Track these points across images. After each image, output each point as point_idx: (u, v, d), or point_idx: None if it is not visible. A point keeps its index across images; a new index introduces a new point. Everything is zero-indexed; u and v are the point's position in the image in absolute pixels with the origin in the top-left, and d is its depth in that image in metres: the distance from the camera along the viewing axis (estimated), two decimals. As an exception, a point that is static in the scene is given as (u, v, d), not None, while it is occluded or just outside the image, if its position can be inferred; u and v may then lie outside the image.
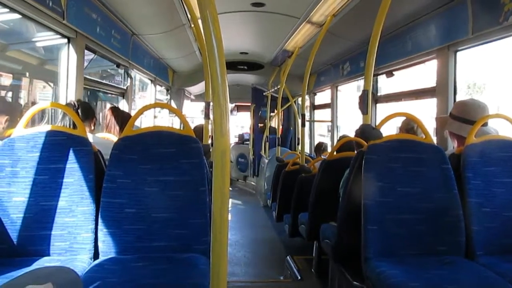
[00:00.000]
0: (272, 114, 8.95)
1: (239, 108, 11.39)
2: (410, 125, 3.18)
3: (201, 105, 10.29)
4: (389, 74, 4.39)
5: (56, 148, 2.24)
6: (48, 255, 2.17)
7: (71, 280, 1.25)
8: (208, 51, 1.11)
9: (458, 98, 3.30)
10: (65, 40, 3.21)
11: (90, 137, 2.39)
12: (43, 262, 2.08)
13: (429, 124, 3.46)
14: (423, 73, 4.34)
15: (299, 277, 3.94)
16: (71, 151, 2.24)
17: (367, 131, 2.46)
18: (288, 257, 4.46)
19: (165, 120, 7.63)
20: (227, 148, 1.12)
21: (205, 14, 1.09)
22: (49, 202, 2.19)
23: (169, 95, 7.85)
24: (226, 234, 1.12)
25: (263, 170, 8.20)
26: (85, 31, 3.28)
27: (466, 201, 2.36)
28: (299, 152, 5.25)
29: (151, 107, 4.35)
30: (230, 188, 9.89)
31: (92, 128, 2.90)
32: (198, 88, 8.24)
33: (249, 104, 10.20)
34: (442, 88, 3.33)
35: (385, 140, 2.44)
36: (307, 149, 8.13)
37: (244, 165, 10.43)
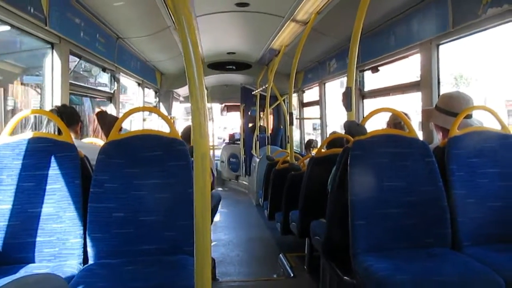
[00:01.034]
0: (261, 113, 8.95)
1: (228, 108, 11.39)
2: (397, 119, 3.21)
3: (183, 106, 10.22)
4: (374, 69, 4.42)
5: (41, 154, 2.24)
6: (37, 262, 2.16)
7: (58, 287, 1.25)
8: (185, 55, 1.12)
9: (445, 91, 3.33)
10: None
11: (75, 142, 2.39)
12: (31, 269, 2.08)
13: (414, 118, 3.50)
14: (409, 67, 4.37)
15: (292, 275, 3.97)
16: (56, 157, 2.24)
17: (351, 128, 2.48)
18: (280, 254, 4.48)
19: (155, 122, 7.61)
20: (207, 151, 1.13)
21: (180, 19, 1.10)
22: (36, 209, 2.19)
23: (157, 98, 7.82)
24: (208, 235, 1.14)
25: (254, 169, 8.21)
26: (68, 36, 3.26)
27: (451, 193, 2.39)
28: (289, 150, 5.28)
29: (137, 111, 4.34)
30: (220, 189, 9.92)
31: (78, 133, 2.88)
32: (186, 89, 8.23)
33: (239, 104, 10.20)
34: (426, 82, 3.36)
35: (370, 136, 2.46)
36: (297, 147, 8.17)
37: (235, 164, 10.43)
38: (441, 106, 2.75)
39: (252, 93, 8.97)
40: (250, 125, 9.72)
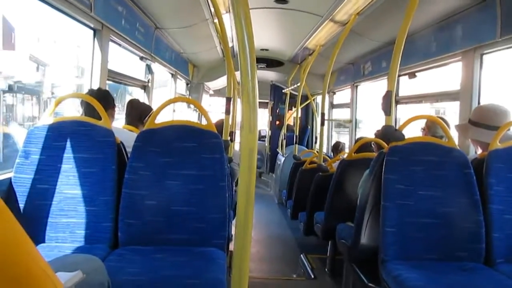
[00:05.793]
0: (290, 111, 8.91)
1: None
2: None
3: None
4: (412, 75, 4.33)
5: (80, 138, 2.29)
6: (69, 242, 2.21)
7: (96, 268, 1.28)
8: (240, 49, 1.11)
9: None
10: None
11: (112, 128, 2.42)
12: (63, 249, 2.13)
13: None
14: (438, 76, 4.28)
15: (313, 276, 3.94)
16: (95, 142, 2.28)
17: (389, 133, 2.44)
18: (301, 255, 4.46)
19: (184, 114, 7.65)
20: (255, 146, 1.13)
21: (238, 11, 1.09)
22: (71, 190, 2.24)
23: (188, 90, 7.87)
24: (250, 231, 1.13)
25: (279, 167, 8.19)
26: (111, 23, 3.31)
27: (488, 207, 2.32)
28: (317, 151, 5.24)
29: (175, 101, 4.38)
30: None
31: (114, 116, 2.91)
32: (218, 83, 8.26)
33: (267, 101, 10.18)
34: (466, 92, 3.26)
35: (407, 142, 2.42)
36: (324, 148, 8.08)
37: (259, 161, 10.41)
38: (476, 120, 2.65)
39: (283, 91, 8.94)
40: (277, 122, 9.69)
